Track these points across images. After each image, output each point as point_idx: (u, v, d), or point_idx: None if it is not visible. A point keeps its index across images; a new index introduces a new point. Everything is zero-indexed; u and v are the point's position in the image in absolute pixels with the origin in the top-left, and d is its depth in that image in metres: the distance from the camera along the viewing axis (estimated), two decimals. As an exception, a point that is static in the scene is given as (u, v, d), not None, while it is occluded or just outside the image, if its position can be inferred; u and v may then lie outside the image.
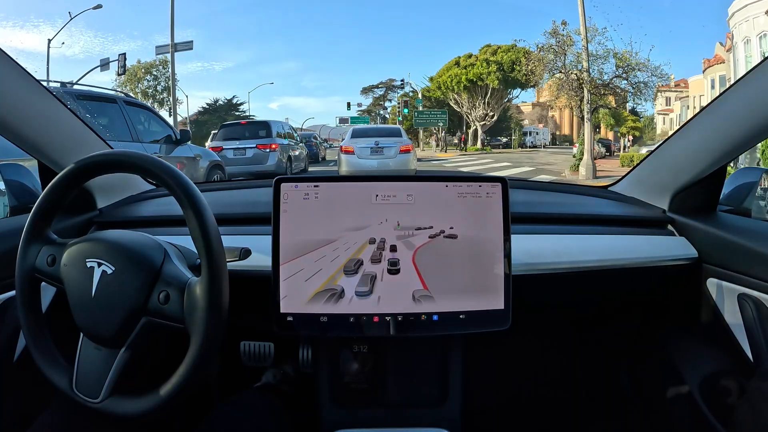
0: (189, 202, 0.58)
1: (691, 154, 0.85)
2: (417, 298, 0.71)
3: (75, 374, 0.61)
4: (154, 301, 0.58)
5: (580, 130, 13.67)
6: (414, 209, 0.72)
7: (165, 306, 0.58)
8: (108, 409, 0.59)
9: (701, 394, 0.82)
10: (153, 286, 0.59)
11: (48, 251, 0.63)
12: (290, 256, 0.70)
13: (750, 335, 0.74)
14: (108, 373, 0.59)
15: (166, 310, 0.58)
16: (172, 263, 0.62)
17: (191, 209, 0.57)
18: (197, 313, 0.56)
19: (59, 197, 0.63)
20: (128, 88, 20.88)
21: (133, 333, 0.59)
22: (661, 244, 0.87)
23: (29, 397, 0.79)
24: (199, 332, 0.56)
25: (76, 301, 0.60)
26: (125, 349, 0.60)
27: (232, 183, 1.26)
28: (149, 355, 0.63)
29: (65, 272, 0.61)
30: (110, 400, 0.59)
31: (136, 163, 0.61)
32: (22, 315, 0.63)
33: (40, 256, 0.63)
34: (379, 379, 0.89)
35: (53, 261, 0.62)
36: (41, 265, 0.63)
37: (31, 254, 0.63)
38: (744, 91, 0.73)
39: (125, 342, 0.59)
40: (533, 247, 0.83)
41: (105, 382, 0.59)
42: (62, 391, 0.61)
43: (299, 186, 0.71)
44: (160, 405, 0.58)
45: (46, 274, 0.63)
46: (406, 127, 21.50)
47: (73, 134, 0.87)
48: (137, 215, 0.96)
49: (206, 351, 0.57)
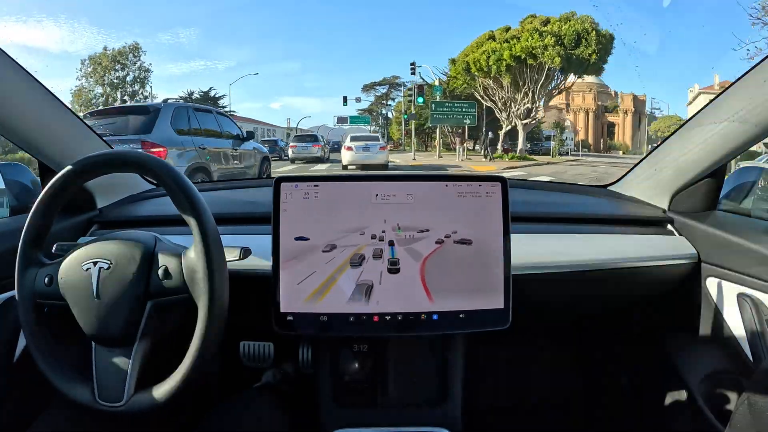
0: (188, 202, 0.58)
1: (691, 153, 0.85)
2: (417, 297, 0.71)
3: (95, 385, 0.60)
4: (155, 280, 0.59)
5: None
6: (414, 209, 0.72)
7: (166, 281, 0.59)
8: (132, 408, 0.59)
9: (701, 394, 0.82)
10: (151, 267, 0.59)
11: (44, 273, 0.62)
12: (290, 256, 0.70)
13: (749, 335, 0.74)
14: (127, 374, 0.59)
15: (168, 284, 0.59)
16: (164, 243, 0.63)
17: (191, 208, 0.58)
18: (198, 275, 0.57)
19: (52, 205, 0.63)
20: (92, 80, 19.16)
21: (143, 322, 0.59)
22: (661, 244, 0.87)
23: (29, 397, 0.79)
24: (204, 293, 0.56)
25: (80, 309, 0.60)
26: (138, 343, 0.60)
27: (232, 183, 1.26)
28: (162, 343, 0.63)
29: (64, 286, 0.61)
30: (133, 399, 0.59)
31: (136, 163, 0.61)
32: (31, 342, 0.62)
33: (37, 279, 0.62)
34: (379, 378, 0.89)
35: (51, 280, 0.62)
36: (40, 288, 0.62)
37: (29, 280, 0.62)
38: (744, 91, 0.73)
39: (137, 335, 0.59)
40: (533, 246, 0.83)
41: (126, 383, 0.59)
42: (87, 405, 0.60)
43: (299, 185, 0.71)
44: (181, 385, 0.58)
45: (47, 295, 0.62)
46: (416, 127, 17.46)
47: (74, 134, 0.87)
48: (137, 215, 0.96)
49: (216, 313, 0.57)
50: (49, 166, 0.85)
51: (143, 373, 0.60)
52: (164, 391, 0.59)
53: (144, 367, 0.60)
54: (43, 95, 0.77)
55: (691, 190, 0.89)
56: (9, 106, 0.73)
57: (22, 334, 0.75)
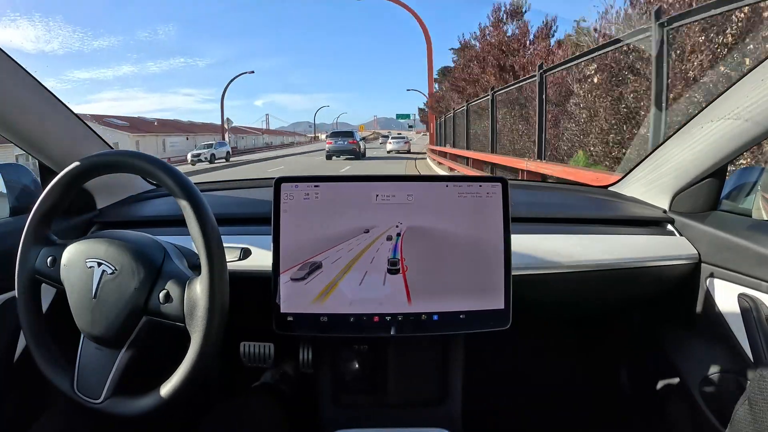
0: (189, 202, 0.57)
1: (692, 153, 0.85)
2: (417, 298, 0.71)
3: (76, 375, 0.61)
4: (155, 300, 0.58)
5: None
6: (414, 209, 0.72)
7: (165, 305, 0.58)
8: (109, 409, 0.59)
9: (701, 394, 0.82)
10: (153, 286, 0.59)
11: (48, 252, 0.63)
12: (290, 256, 0.70)
13: (750, 335, 0.74)
14: (109, 374, 0.60)
15: (166, 309, 0.58)
16: (172, 262, 0.62)
17: (191, 209, 0.57)
18: (198, 311, 0.56)
19: (59, 198, 0.63)
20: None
21: (134, 333, 0.59)
22: (662, 244, 0.87)
23: (29, 397, 0.79)
24: (199, 331, 0.56)
25: (76, 302, 0.60)
26: (126, 349, 0.60)
27: (233, 183, 1.26)
28: (150, 354, 0.63)
29: (65, 273, 0.61)
30: (111, 400, 0.59)
31: (136, 164, 0.61)
32: (23, 317, 0.63)
33: (40, 257, 0.63)
34: (379, 379, 0.89)
35: (53, 262, 0.62)
36: (41, 267, 0.62)
37: (32, 256, 0.63)
38: (745, 90, 0.73)
39: (126, 342, 0.59)
40: (533, 247, 0.83)
41: (106, 382, 0.59)
42: (64, 392, 0.61)
43: (299, 186, 0.71)
44: (161, 404, 0.58)
45: (47, 275, 0.63)
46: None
47: (74, 134, 0.87)
48: (137, 215, 0.96)
49: (207, 350, 0.57)
50: (49, 166, 0.85)
51: (125, 378, 0.60)
52: (144, 404, 0.59)
53: (127, 373, 0.60)
54: (43, 95, 0.77)
55: (691, 190, 0.89)
56: (9, 105, 0.73)
57: (22, 335, 0.75)
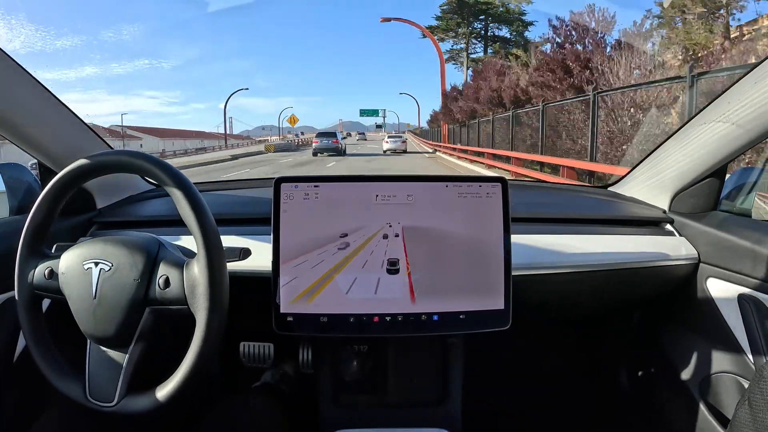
0: (180, 190, 0.58)
1: (692, 154, 0.85)
2: (417, 298, 0.71)
3: (87, 382, 0.61)
4: (155, 288, 0.59)
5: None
6: (414, 209, 0.72)
7: (166, 290, 0.58)
8: (123, 410, 0.59)
9: (701, 394, 0.82)
10: (152, 274, 0.59)
11: (45, 265, 0.62)
12: (290, 257, 0.70)
13: (750, 335, 0.74)
14: (120, 375, 0.59)
15: (167, 295, 0.58)
16: (167, 250, 0.63)
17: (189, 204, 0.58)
18: (199, 288, 0.57)
19: (54, 202, 0.63)
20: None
21: (139, 326, 0.59)
22: (661, 244, 0.87)
23: (29, 397, 0.79)
24: (204, 308, 0.56)
25: (78, 307, 0.60)
26: (134, 345, 0.60)
27: (232, 183, 1.26)
28: (158, 348, 0.64)
29: (64, 280, 0.61)
30: (125, 401, 0.59)
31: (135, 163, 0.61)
32: (28, 333, 0.62)
33: (37, 272, 0.62)
34: (379, 379, 0.89)
35: (51, 273, 0.62)
36: (40, 281, 0.62)
37: (29, 272, 0.62)
38: (745, 90, 0.73)
39: (132, 339, 0.59)
40: (533, 247, 0.83)
41: (118, 383, 0.59)
42: (76, 401, 0.61)
43: (299, 186, 0.71)
44: (175, 394, 0.58)
45: (46, 288, 0.62)
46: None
47: (74, 134, 0.87)
48: (137, 215, 0.96)
49: (213, 329, 0.57)
50: (49, 166, 0.85)
51: (137, 376, 0.60)
52: (157, 397, 0.59)
53: (138, 370, 0.60)
54: (43, 95, 0.77)
55: (691, 190, 0.89)
56: (9, 105, 0.73)
57: (21, 335, 0.75)
